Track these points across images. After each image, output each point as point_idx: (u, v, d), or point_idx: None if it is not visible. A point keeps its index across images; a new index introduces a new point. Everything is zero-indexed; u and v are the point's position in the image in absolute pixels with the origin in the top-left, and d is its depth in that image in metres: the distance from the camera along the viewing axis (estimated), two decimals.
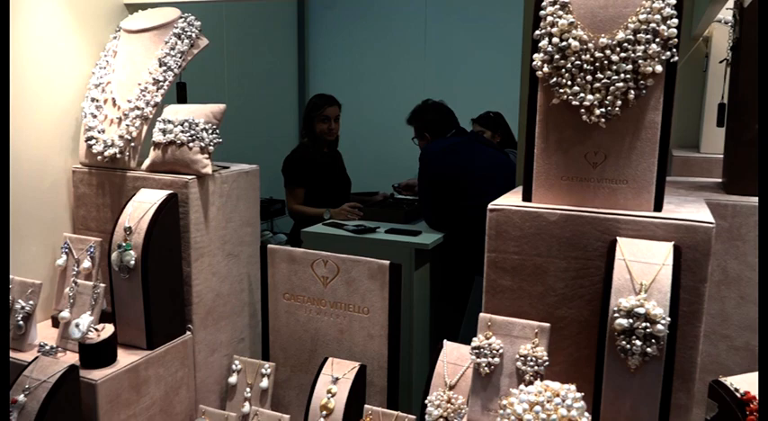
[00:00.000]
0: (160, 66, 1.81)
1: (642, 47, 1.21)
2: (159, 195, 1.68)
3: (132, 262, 1.60)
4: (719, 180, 1.71)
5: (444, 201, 3.27)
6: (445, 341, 1.49)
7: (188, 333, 1.76)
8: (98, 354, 1.55)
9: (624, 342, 1.14)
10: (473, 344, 1.32)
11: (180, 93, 1.89)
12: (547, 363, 1.27)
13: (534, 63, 1.30)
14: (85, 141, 1.86)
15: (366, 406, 1.57)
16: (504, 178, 2.93)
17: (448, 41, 5.24)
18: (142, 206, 1.66)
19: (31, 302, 1.67)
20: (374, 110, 5.36)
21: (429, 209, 3.38)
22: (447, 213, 3.27)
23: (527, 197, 1.36)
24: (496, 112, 4.18)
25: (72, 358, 1.58)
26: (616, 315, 1.15)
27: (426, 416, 1.42)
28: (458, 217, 3.20)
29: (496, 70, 4.82)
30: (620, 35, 1.22)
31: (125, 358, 1.60)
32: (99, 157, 1.82)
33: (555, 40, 1.27)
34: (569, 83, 1.26)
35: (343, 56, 5.66)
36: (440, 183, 3.26)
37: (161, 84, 1.80)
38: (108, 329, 1.59)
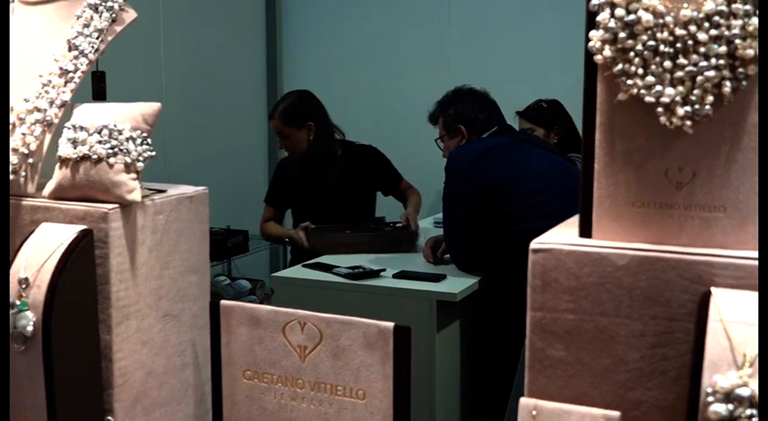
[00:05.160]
0: (70, 50, 1.87)
1: (740, 22, 1.24)
2: (68, 232, 1.73)
3: (30, 327, 1.64)
4: None
5: (483, 229, 3.27)
6: None
7: None
8: None
9: None
10: None
11: (96, 87, 1.94)
12: None
13: (591, 44, 1.33)
14: None
15: None
16: (568, 195, 2.94)
17: (481, 2, 5.29)
18: (44, 248, 1.71)
19: None
20: (375, 106, 5.40)
21: (460, 241, 3.40)
22: (486, 246, 3.28)
23: (586, 231, 1.39)
24: (552, 101, 4.20)
25: None
26: (710, 398, 1.16)
27: None
28: (501, 251, 3.20)
29: (551, 43, 4.86)
30: (710, 5, 1.25)
31: None
32: None
33: (619, 11, 1.30)
34: (640, 71, 1.30)
35: (330, 34, 5.69)
36: (476, 202, 3.27)
37: (71, 75, 1.86)
38: None
